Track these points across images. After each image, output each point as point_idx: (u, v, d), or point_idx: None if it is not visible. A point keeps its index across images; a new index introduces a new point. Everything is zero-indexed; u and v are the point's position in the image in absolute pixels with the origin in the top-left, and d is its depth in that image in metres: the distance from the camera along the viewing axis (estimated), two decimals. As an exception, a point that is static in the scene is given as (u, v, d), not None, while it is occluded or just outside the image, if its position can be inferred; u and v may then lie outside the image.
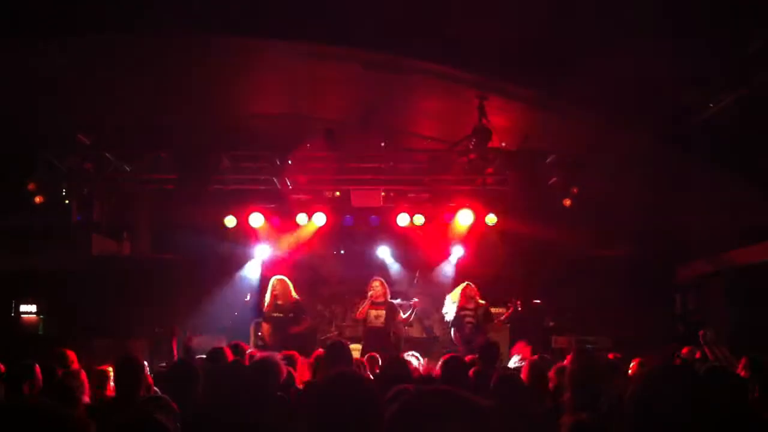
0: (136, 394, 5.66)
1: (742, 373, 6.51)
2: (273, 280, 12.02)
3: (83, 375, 6.55)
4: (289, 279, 12.04)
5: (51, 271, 12.74)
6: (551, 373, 6.76)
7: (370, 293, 12.16)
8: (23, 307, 13.15)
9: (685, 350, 9.29)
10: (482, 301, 12.04)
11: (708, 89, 9.34)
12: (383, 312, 12.06)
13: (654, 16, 8.42)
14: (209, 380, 5.77)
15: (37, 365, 6.51)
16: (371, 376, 7.73)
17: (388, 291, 12.33)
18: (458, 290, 12.16)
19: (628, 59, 8.54)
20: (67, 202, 12.68)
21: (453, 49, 9.79)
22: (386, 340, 11.89)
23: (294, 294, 11.95)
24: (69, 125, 11.68)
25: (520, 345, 10.49)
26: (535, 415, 5.46)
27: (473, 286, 12.12)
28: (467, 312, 11.93)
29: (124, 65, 10.53)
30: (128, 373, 5.80)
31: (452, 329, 12.15)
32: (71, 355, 7.61)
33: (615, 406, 4.51)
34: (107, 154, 12.06)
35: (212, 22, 9.31)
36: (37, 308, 13.10)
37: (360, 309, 12.22)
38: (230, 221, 13.36)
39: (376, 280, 12.36)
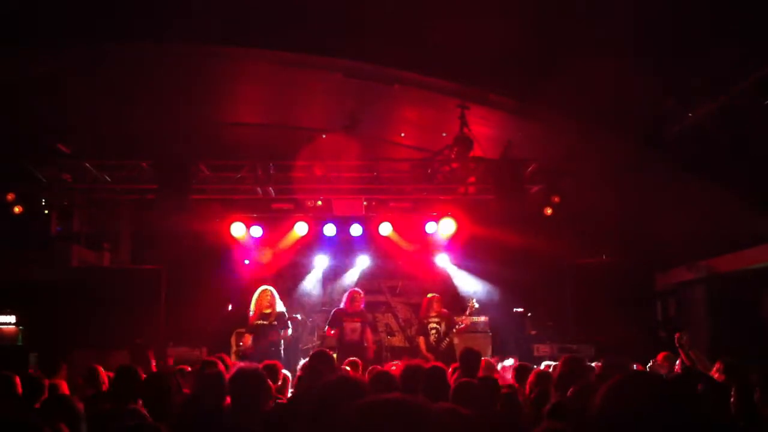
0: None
1: (716, 376, 6.54)
2: (259, 290, 11.92)
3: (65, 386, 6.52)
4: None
5: (30, 282, 12.61)
6: (531, 378, 6.77)
7: (342, 305, 12.15)
8: (2, 318, 12.98)
9: (660, 356, 9.34)
10: (445, 310, 12.22)
11: (687, 97, 9.40)
12: (359, 325, 11.95)
13: (634, 26, 8.48)
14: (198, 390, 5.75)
15: (17, 376, 6.44)
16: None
17: (363, 302, 12.27)
18: (427, 299, 12.39)
19: (608, 68, 8.57)
20: (46, 212, 12.58)
21: (434, 58, 9.81)
22: (362, 354, 11.69)
23: (279, 305, 11.86)
24: (49, 135, 11.59)
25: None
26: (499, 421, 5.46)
27: (436, 296, 12.32)
28: (432, 321, 12.10)
29: (105, 75, 10.49)
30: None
31: (420, 337, 12.29)
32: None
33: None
34: (87, 164, 11.99)
35: (193, 32, 9.28)
36: (16, 319, 12.94)
37: (330, 326, 12.13)
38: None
39: (352, 290, 12.37)
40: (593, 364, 8.29)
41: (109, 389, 6.50)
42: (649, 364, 9.43)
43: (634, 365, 9.43)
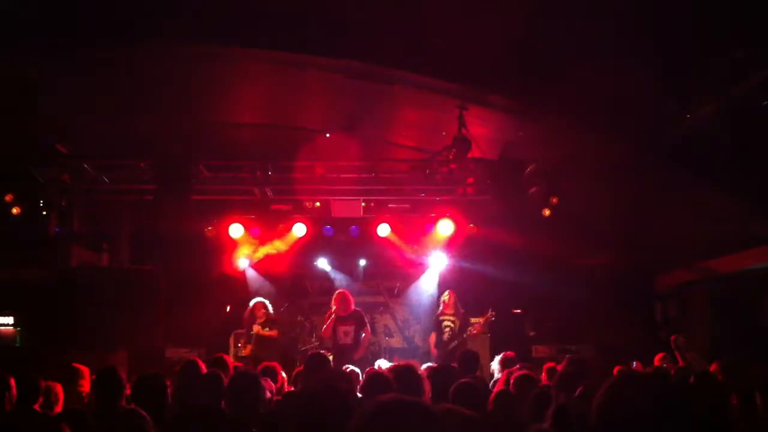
0: (117, 405, 5.61)
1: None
2: (252, 303, 12.14)
3: (59, 387, 6.49)
4: (270, 290, 12.10)
5: (29, 283, 12.58)
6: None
7: (333, 308, 11.84)
8: (0, 319, 12.98)
9: (657, 357, 9.34)
10: (461, 309, 12.17)
11: (687, 99, 9.39)
12: (351, 328, 11.73)
13: (634, 27, 8.48)
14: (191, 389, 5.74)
15: (12, 378, 6.39)
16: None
17: (353, 303, 11.97)
18: (444, 297, 12.34)
19: (608, 70, 8.57)
20: (45, 213, 12.55)
21: (433, 58, 9.80)
22: (356, 357, 11.45)
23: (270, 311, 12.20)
24: (47, 135, 11.58)
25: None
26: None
27: (452, 292, 12.30)
28: (447, 318, 12.03)
29: (103, 75, 10.47)
30: (110, 384, 5.74)
31: (432, 333, 12.31)
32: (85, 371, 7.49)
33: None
34: (85, 165, 11.97)
35: (191, 32, 9.27)
36: (15, 320, 12.93)
37: (325, 325, 11.86)
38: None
39: (339, 293, 12.05)
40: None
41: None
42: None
43: (634, 363, 9.44)
